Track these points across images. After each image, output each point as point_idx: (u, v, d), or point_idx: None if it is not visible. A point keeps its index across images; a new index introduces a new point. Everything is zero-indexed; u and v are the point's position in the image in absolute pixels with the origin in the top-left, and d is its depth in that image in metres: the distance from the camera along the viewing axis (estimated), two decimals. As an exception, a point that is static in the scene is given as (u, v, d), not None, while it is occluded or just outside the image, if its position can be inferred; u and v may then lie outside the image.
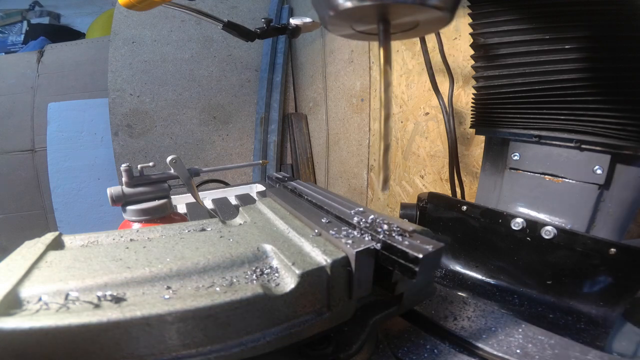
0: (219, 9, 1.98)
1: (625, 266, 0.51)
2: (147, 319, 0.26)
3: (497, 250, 0.65)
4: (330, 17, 0.28)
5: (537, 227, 0.58)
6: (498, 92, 0.64)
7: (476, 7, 0.62)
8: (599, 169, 0.59)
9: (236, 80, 2.04)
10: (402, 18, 0.29)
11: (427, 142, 1.24)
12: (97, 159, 2.03)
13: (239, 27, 0.63)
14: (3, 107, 1.99)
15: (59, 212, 2.02)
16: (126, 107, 1.93)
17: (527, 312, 0.58)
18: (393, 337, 0.41)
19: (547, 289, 0.59)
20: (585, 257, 0.54)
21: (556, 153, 0.63)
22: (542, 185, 0.66)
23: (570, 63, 0.54)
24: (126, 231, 0.43)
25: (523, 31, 0.57)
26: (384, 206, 1.55)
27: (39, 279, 0.31)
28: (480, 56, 0.64)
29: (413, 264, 0.31)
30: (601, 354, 0.34)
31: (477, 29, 0.63)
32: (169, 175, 0.64)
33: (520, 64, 0.60)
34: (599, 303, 0.54)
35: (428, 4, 0.26)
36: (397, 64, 1.31)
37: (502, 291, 0.64)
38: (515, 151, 0.68)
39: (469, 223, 0.67)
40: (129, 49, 1.92)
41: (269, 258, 0.36)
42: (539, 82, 0.58)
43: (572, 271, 0.57)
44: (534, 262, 0.60)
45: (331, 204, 0.46)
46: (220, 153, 2.05)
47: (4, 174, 1.99)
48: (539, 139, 0.63)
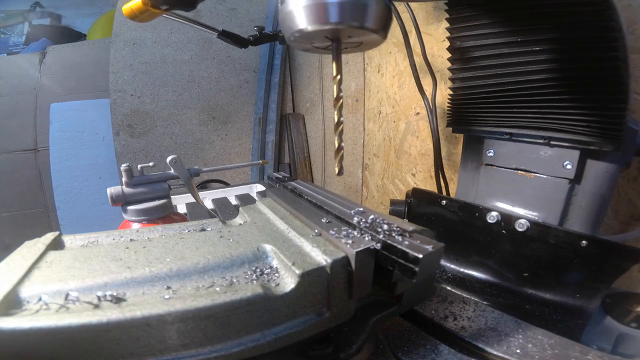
0: (217, 10, 2.00)
1: (598, 258, 0.53)
2: (147, 319, 0.26)
3: (475, 243, 0.66)
4: (295, 37, 0.36)
5: (511, 220, 0.60)
6: (472, 92, 0.67)
7: (453, 12, 0.65)
8: (569, 164, 0.61)
9: (235, 81, 2.07)
10: (350, 38, 0.37)
11: (418, 141, 1.27)
12: (99, 158, 2.06)
13: (233, 36, 0.66)
14: (6, 108, 2.01)
15: (61, 211, 2.04)
16: (127, 108, 1.96)
17: (504, 303, 0.59)
18: (393, 337, 0.41)
19: (525, 281, 0.61)
20: (558, 249, 0.56)
21: (528, 149, 0.66)
22: (516, 180, 0.68)
23: (538, 64, 0.57)
24: (126, 231, 0.43)
25: (495, 34, 0.60)
26: (378, 204, 1.57)
27: (39, 279, 0.31)
28: (456, 59, 0.68)
29: (413, 264, 0.31)
30: (601, 354, 0.34)
31: (453, 33, 0.66)
32: (169, 175, 0.64)
33: (492, 65, 0.62)
34: (575, 295, 0.55)
35: (368, 28, 0.34)
36: (389, 65, 1.34)
37: (481, 283, 0.65)
38: (490, 148, 0.71)
39: (449, 217, 0.70)
40: (129, 50, 1.95)
41: (269, 258, 0.36)
42: (510, 83, 0.61)
43: (546, 263, 0.58)
44: (510, 254, 0.62)
45: (331, 204, 0.46)
46: (219, 152, 2.09)
47: (7, 173, 2.01)
48: (511, 136, 0.67)
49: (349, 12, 0.33)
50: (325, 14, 0.33)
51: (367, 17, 0.34)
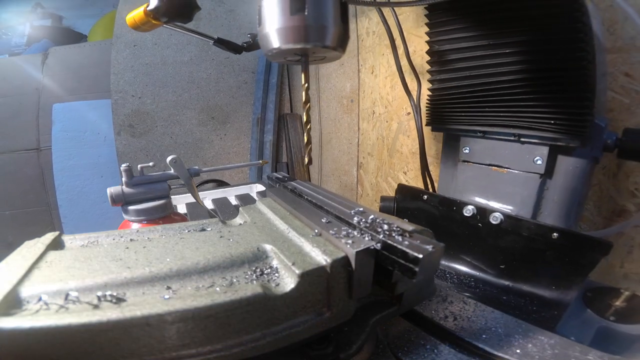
0: (216, 12, 2.02)
1: (570, 250, 0.54)
2: (147, 319, 0.26)
3: (454, 236, 0.68)
4: (272, 53, 0.45)
5: (486, 214, 0.63)
6: (448, 93, 0.70)
7: (432, 17, 0.70)
8: (539, 159, 0.64)
9: (234, 82, 2.11)
10: (315, 54, 0.45)
11: (409, 140, 1.29)
12: (100, 158, 2.08)
13: (228, 43, 0.70)
14: (10, 108, 2.03)
15: (63, 209, 2.07)
16: (128, 108, 2.00)
17: (481, 294, 0.61)
18: (393, 337, 0.41)
19: (502, 273, 0.63)
20: (531, 241, 0.58)
21: (500, 146, 0.69)
22: (490, 175, 0.72)
23: (508, 66, 0.60)
24: (126, 231, 0.43)
25: (469, 38, 0.64)
26: (372, 201, 1.60)
27: (39, 279, 0.31)
28: (434, 61, 0.72)
29: (413, 264, 0.31)
30: (601, 354, 0.34)
31: (432, 37, 0.70)
32: (169, 175, 0.64)
33: (466, 67, 0.66)
34: (551, 287, 0.57)
35: (329, 46, 0.43)
36: (382, 67, 1.38)
37: (460, 275, 0.67)
38: (466, 145, 0.74)
39: (430, 211, 0.73)
40: (130, 52, 1.98)
41: (269, 258, 0.36)
42: (482, 84, 0.64)
43: (521, 255, 0.60)
44: (487, 247, 0.64)
45: (331, 203, 0.46)
46: (218, 152, 2.13)
47: (11, 172, 2.03)
48: (484, 134, 0.70)
49: (313, 34, 0.41)
50: (295, 36, 0.41)
51: (328, 38, 0.42)
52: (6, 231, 2.03)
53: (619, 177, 0.75)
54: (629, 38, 0.70)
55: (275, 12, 0.42)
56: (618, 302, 0.53)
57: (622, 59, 0.71)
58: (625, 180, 0.74)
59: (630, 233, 0.74)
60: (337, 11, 0.43)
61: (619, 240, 0.76)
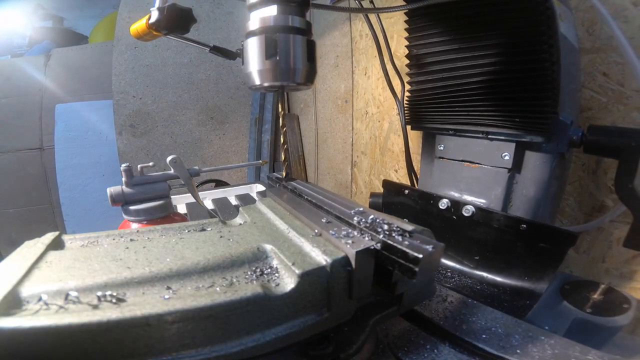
0: (215, 14, 2.04)
1: (538, 241, 0.57)
2: (147, 319, 0.26)
3: (432, 228, 0.69)
4: (255, 87, 0.53)
5: (459, 206, 0.67)
6: (424, 94, 0.75)
7: (410, 22, 0.75)
8: (506, 155, 0.68)
9: (232, 82, 2.15)
10: (288, 87, 0.53)
11: (400, 139, 1.32)
12: (102, 157, 2.11)
13: (222, 50, 0.74)
14: (13, 108, 2.06)
15: (66, 207, 2.09)
16: (129, 109, 2.03)
17: (456, 283, 0.64)
18: (393, 337, 0.41)
19: (477, 264, 0.66)
20: (502, 233, 0.62)
21: (471, 143, 0.73)
22: (463, 170, 0.76)
23: (477, 68, 0.65)
24: (126, 231, 0.43)
25: (443, 42, 0.69)
26: (366, 199, 1.64)
27: (39, 279, 0.31)
28: (413, 64, 0.77)
29: (413, 264, 0.31)
30: (601, 354, 0.34)
31: (411, 42, 0.76)
32: (169, 175, 0.64)
33: (440, 70, 0.71)
34: (524, 277, 0.59)
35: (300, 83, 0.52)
36: (374, 68, 1.42)
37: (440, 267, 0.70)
38: (441, 142, 0.79)
39: (411, 205, 0.78)
40: (131, 53, 2.00)
41: (269, 258, 0.36)
42: (454, 85, 0.69)
43: (493, 247, 0.63)
44: (462, 238, 0.68)
45: (331, 203, 0.46)
46: (217, 151, 2.18)
47: (14, 171, 2.06)
48: (455, 132, 0.75)
49: (284, 75, 0.50)
50: (270, 76, 0.50)
51: (297, 76, 0.51)
52: (10, 229, 2.06)
53: (598, 174, 0.77)
54: (606, 38, 0.72)
55: (254, 56, 0.50)
56: (595, 295, 0.54)
57: (600, 59, 0.73)
58: (603, 177, 0.76)
59: (609, 229, 0.75)
60: (304, 54, 0.51)
61: (599, 236, 0.77)
